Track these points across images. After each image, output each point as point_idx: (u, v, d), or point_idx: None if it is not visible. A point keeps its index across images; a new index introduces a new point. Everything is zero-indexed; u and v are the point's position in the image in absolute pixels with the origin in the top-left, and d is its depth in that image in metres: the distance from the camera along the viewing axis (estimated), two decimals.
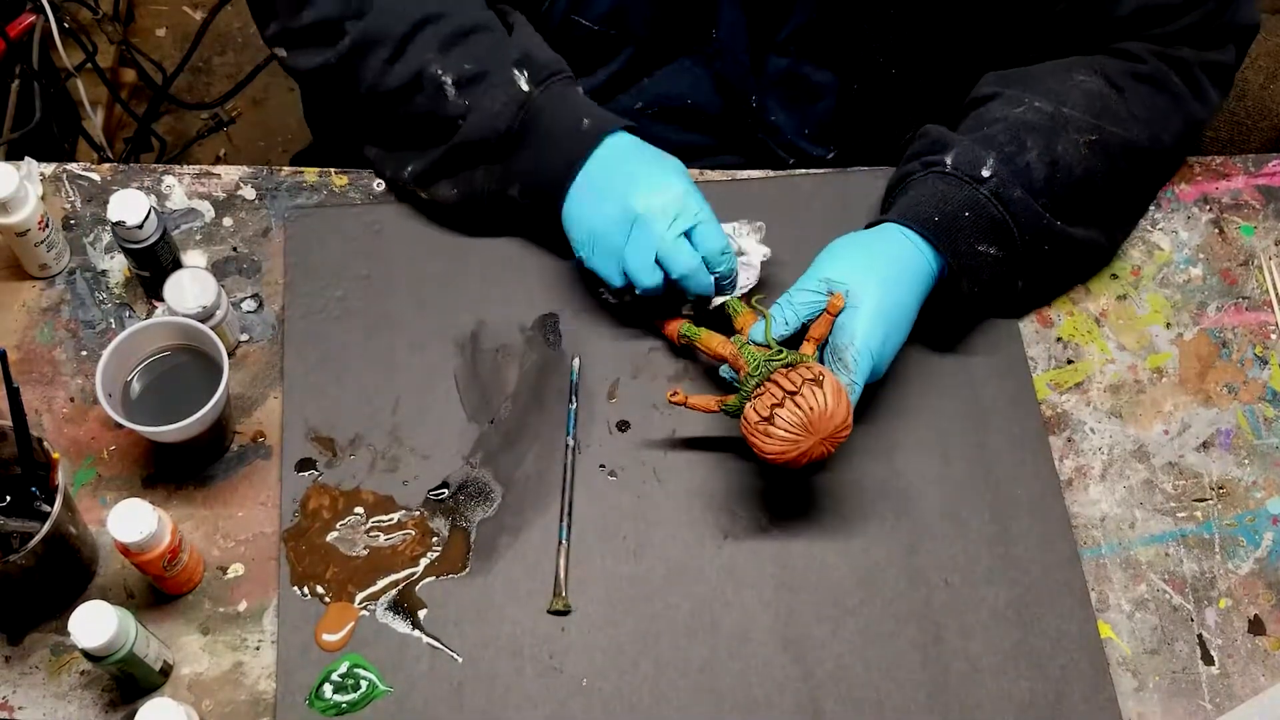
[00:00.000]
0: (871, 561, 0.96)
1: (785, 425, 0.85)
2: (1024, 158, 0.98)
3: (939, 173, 0.99)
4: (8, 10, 1.60)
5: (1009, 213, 0.97)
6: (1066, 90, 1.02)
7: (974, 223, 0.97)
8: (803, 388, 0.86)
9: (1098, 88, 1.03)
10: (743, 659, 0.92)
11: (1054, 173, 0.99)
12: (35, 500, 0.90)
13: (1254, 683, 0.94)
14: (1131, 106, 1.03)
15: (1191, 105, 1.06)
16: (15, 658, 0.91)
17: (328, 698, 0.90)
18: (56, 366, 1.01)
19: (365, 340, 1.02)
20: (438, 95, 0.99)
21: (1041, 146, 0.99)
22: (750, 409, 0.88)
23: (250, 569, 0.95)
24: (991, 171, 0.97)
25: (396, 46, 1.00)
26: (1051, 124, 1.00)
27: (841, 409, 0.86)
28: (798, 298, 0.95)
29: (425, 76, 0.99)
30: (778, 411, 0.86)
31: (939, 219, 0.97)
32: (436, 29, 1.00)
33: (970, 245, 0.97)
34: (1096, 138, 1.01)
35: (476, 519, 0.97)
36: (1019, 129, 1.00)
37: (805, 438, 0.86)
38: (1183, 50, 1.05)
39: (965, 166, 0.98)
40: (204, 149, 2.07)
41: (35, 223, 1.00)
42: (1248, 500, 1.00)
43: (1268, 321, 1.08)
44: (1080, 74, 1.03)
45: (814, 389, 0.86)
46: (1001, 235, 0.98)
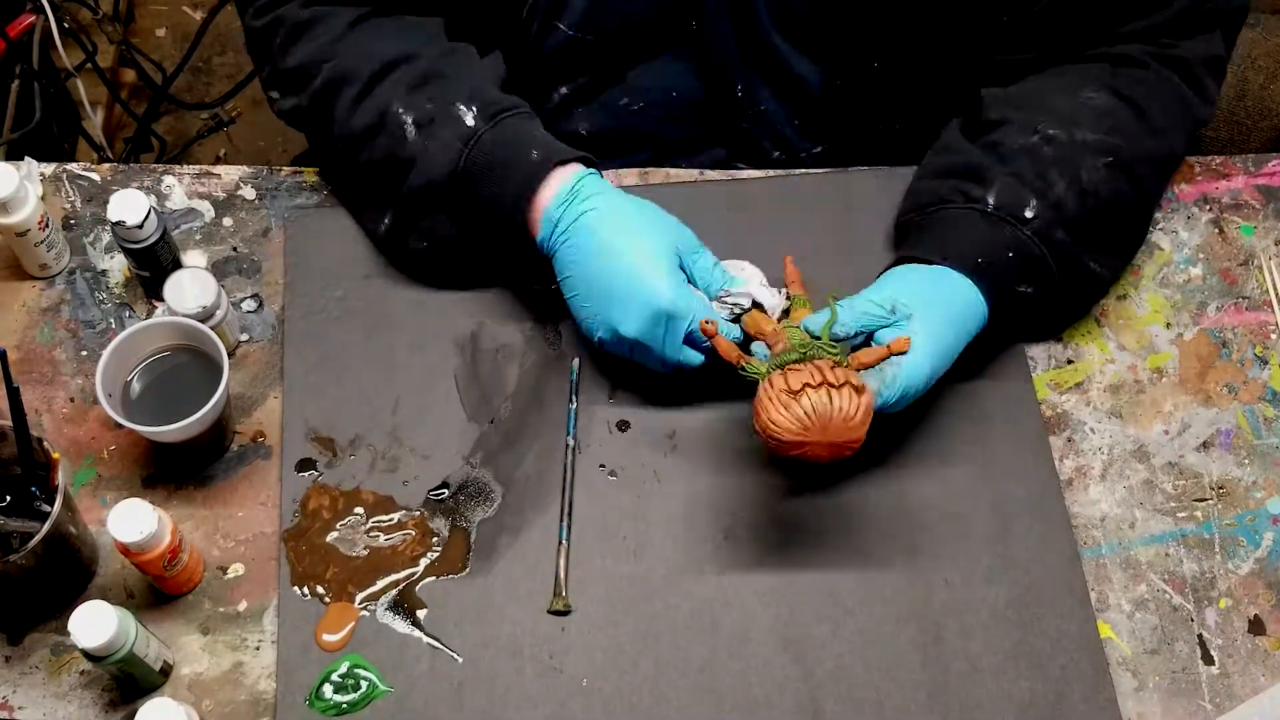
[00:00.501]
0: (871, 561, 0.96)
1: (808, 409, 0.82)
2: (1054, 193, 0.98)
3: (981, 211, 0.98)
4: (8, 10, 1.60)
5: (1051, 253, 0.97)
6: (1076, 110, 1.01)
7: (1016, 264, 0.96)
8: (843, 388, 0.83)
9: (1106, 104, 1.02)
10: (743, 659, 0.92)
11: (1084, 202, 0.98)
12: (35, 500, 0.90)
13: (1254, 683, 0.94)
14: (1142, 118, 1.02)
15: (1198, 108, 1.06)
16: (15, 658, 0.91)
17: (328, 698, 0.90)
18: (56, 366, 1.01)
19: (365, 340, 1.02)
20: (398, 137, 0.98)
21: (1069, 178, 0.98)
22: (782, 376, 0.84)
23: (250, 569, 0.95)
24: (1035, 213, 0.97)
25: (365, 85, 0.99)
26: (1070, 152, 0.99)
27: (861, 429, 0.84)
28: (860, 305, 0.92)
29: (389, 116, 0.98)
30: (809, 392, 0.82)
31: (982, 261, 0.96)
32: (407, 70, 0.99)
33: (1011, 286, 0.97)
34: (1113, 158, 1.00)
35: (476, 519, 0.97)
36: (1041, 164, 0.99)
37: (817, 431, 0.83)
38: (1179, 48, 1.04)
39: (1009, 206, 0.97)
40: (204, 149, 2.07)
41: (35, 223, 1.00)
42: (1248, 500, 1.01)
43: (1268, 321, 1.08)
44: (1088, 91, 1.02)
45: (852, 394, 0.83)
46: (1039, 274, 0.97)
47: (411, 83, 0.99)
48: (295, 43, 1.02)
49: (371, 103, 0.99)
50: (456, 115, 0.97)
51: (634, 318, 0.92)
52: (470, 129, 0.96)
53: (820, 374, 0.83)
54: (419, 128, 0.97)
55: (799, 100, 1.11)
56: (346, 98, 1.00)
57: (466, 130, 0.96)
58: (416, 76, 0.99)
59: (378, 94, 0.99)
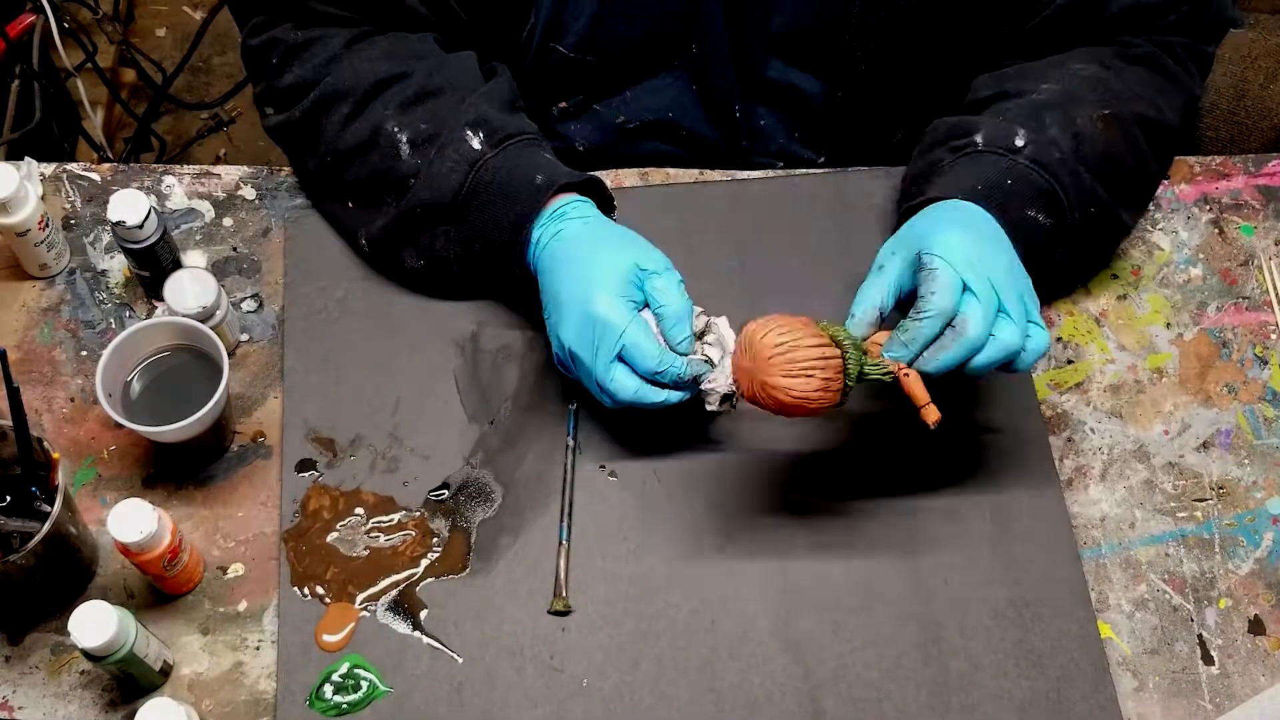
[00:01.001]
0: (872, 561, 0.96)
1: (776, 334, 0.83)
2: (1047, 133, 0.97)
3: (970, 154, 0.97)
4: (8, 10, 1.60)
5: (1052, 175, 0.95)
6: (1067, 78, 1.02)
7: (1019, 189, 0.95)
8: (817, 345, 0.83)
9: (1095, 73, 1.02)
10: (743, 659, 0.92)
11: (1079, 145, 0.97)
12: (35, 500, 0.90)
13: (1254, 683, 0.94)
14: (1128, 83, 1.02)
15: (1186, 81, 1.06)
16: (15, 658, 0.91)
17: (328, 698, 0.90)
18: (56, 366, 1.01)
19: (365, 340, 1.02)
20: (392, 154, 0.98)
21: (1060, 122, 0.98)
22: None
23: (250, 569, 0.95)
24: (1025, 140, 0.96)
25: (357, 104, 0.99)
26: (1064, 101, 0.99)
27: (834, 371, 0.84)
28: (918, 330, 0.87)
29: (382, 134, 0.98)
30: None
31: (981, 187, 0.94)
32: (401, 88, 0.99)
33: (1021, 211, 0.94)
34: (1109, 111, 0.99)
35: (477, 519, 0.97)
36: (1035, 108, 0.99)
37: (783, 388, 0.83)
38: (1166, 37, 1.05)
39: (997, 140, 0.97)
40: (204, 149, 2.07)
41: (35, 223, 1.00)
42: (1248, 500, 1.01)
43: (1268, 321, 1.08)
44: (1076, 64, 1.03)
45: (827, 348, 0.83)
46: (1050, 202, 0.95)
47: (405, 101, 0.99)
48: (290, 63, 1.02)
49: (364, 120, 0.99)
50: (462, 138, 0.97)
51: (570, 323, 0.91)
52: (477, 152, 0.96)
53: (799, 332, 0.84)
54: (414, 146, 0.98)
55: (799, 113, 1.12)
56: (338, 115, 1.00)
57: (474, 153, 0.96)
58: (410, 95, 0.99)
59: (370, 112, 0.99)
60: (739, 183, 1.11)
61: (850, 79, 1.07)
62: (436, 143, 0.97)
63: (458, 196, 0.96)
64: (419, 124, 0.98)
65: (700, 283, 0.98)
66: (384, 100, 0.99)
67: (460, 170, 0.96)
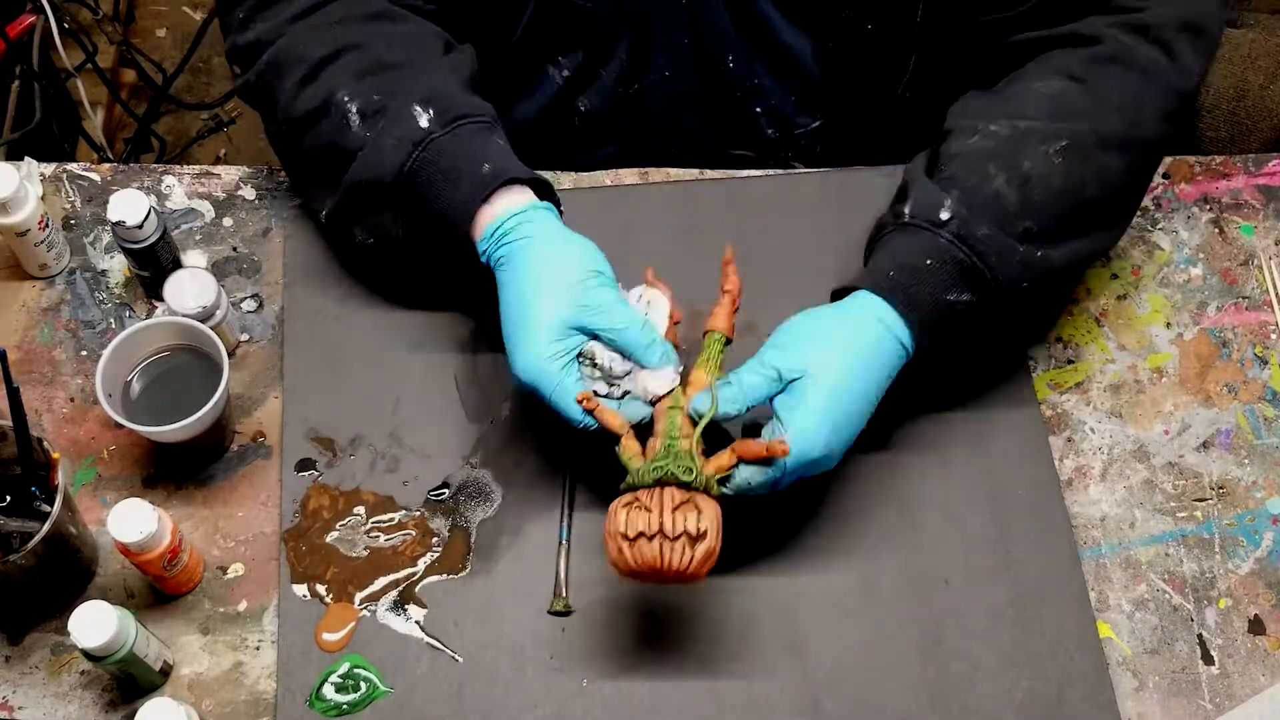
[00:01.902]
0: (872, 561, 0.96)
1: (639, 557, 0.81)
2: (989, 187, 0.91)
3: (900, 225, 0.92)
4: (8, 10, 1.60)
5: (975, 253, 0.90)
6: (1022, 103, 0.96)
7: (937, 271, 0.90)
8: (679, 540, 0.81)
9: (1056, 88, 0.97)
10: (743, 659, 0.92)
11: (1029, 193, 0.92)
12: (35, 500, 0.90)
13: (1254, 683, 0.94)
14: (1097, 95, 0.96)
15: (1168, 75, 0.97)
16: (15, 658, 0.91)
17: (328, 698, 0.90)
18: (56, 366, 1.01)
19: (365, 340, 1.02)
20: (342, 125, 0.95)
21: (1007, 170, 0.92)
22: (624, 513, 0.82)
23: (250, 569, 0.95)
24: (951, 213, 0.90)
25: (310, 70, 0.96)
26: (1011, 144, 0.93)
27: (698, 573, 0.82)
28: (747, 379, 0.87)
29: (333, 104, 0.95)
30: (643, 543, 0.81)
31: (893, 273, 0.90)
32: (357, 56, 0.96)
33: (934, 297, 0.89)
34: (1067, 142, 0.93)
35: (476, 519, 0.97)
36: (976, 158, 0.93)
37: (653, 577, 0.82)
38: (1144, 13, 0.98)
39: (923, 212, 0.91)
40: (204, 149, 2.07)
41: (35, 223, 1.00)
42: (1248, 500, 1.00)
43: (1268, 321, 1.08)
44: (1035, 82, 0.98)
45: (686, 548, 0.81)
46: (973, 279, 0.90)
47: (359, 70, 0.96)
48: (253, 19, 0.99)
49: (316, 87, 0.96)
50: (409, 115, 0.93)
51: (512, 366, 0.89)
52: (424, 130, 0.93)
53: (659, 518, 0.81)
54: (363, 118, 0.94)
55: (793, 72, 1.10)
56: (292, 79, 0.97)
57: (420, 132, 0.93)
58: (366, 64, 0.96)
59: (323, 79, 0.96)
60: (738, 181, 1.11)
61: (840, 29, 1.04)
62: (385, 116, 0.94)
63: (399, 175, 0.93)
64: (371, 94, 0.94)
65: (699, 282, 0.98)
66: (338, 67, 0.96)
67: (404, 148, 0.92)
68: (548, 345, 0.87)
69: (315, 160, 0.98)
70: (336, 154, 0.95)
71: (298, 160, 1.01)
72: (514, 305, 0.89)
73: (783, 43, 1.08)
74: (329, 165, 0.97)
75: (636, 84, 1.11)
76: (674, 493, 0.83)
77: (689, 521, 0.81)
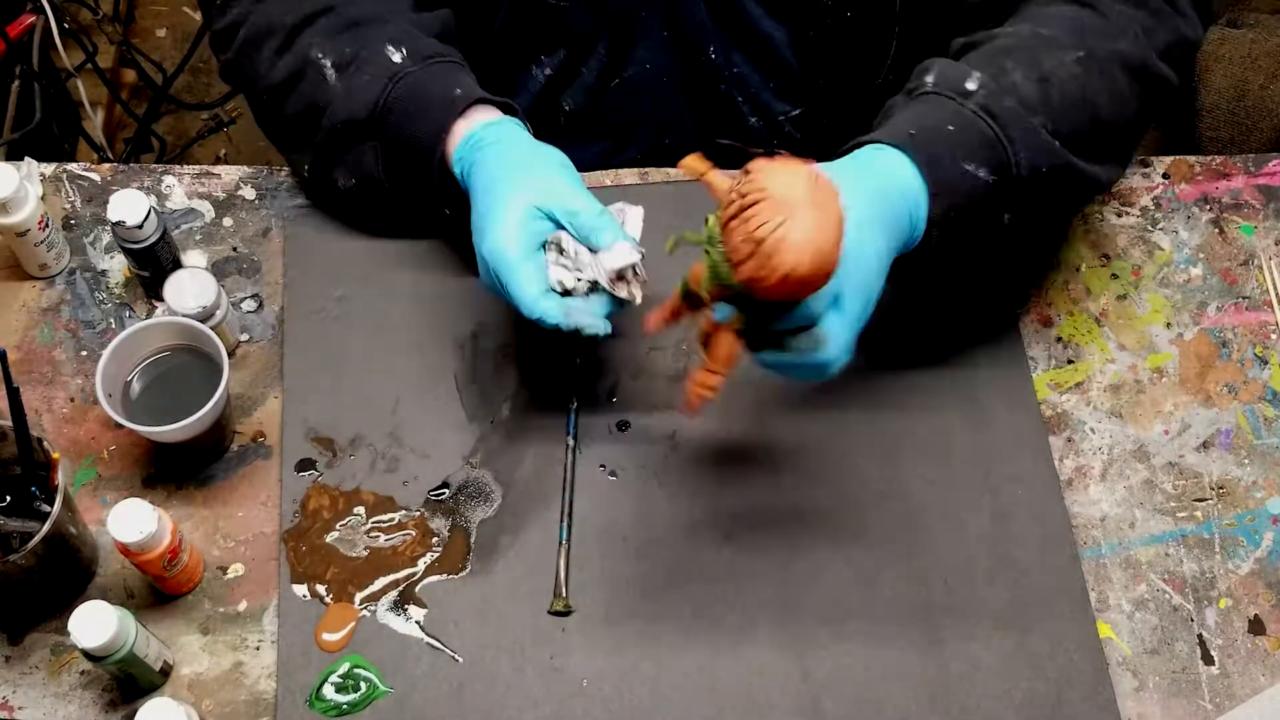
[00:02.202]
0: (872, 561, 0.96)
1: (762, 216, 0.69)
2: (1009, 78, 0.89)
3: (919, 95, 0.91)
4: (8, 10, 1.60)
5: (999, 125, 0.87)
6: (1037, 18, 0.95)
7: (959, 138, 0.87)
8: (749, 178, 0.71)
9: (1070, 12, 0.95)
10: (743, 659, 0.92)
11: (1047, 91, 0.89)
12: (35, 500, 0.90)
13: (1254, 683, 0.94)
14: (1110, 21, 0.95)
15: (1174, 20, 0.97)
16: (15, 658, 0.91)
17: (328, 698, 0.90)
18: (56, 366, 1.01)
19: (365, 340, 1.02)
20: (319, 81, 0.98)
21: (1026, 65, 0.90)
22: (717, 252, 0.74)
23: (250, 569, 0.95)
24: (978, 84, 0.89)
25: (285, 38, 0.99)
26: (1031, 43, 0.91)
27: (800, 172, 0.70)
28: None
29: (309, 64, 0.98)
30: (745, 215, 0.69)
31: (915, 132, 0.86)
32: (328, 20, 0.99)
33: (954, 163, 0.86)
34: (1084, 53, 0.91)
35: (477, 519, 0.97)
36: (996, 54, 0.91)
37: (788, 210, 0.69)
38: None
39: (948, 82, 0.90)
40: (204, 149, 2.07)
41: (35, 223, 1.00)
42: (1248, 500, 1.01)
43: (1268, 321, 1.08)
44: (1047, 7, 0.97)
45: (760, 170, 0.71)
46: (993, 156, 0.87)
47: (331, 30, 0.99)
48: (230, 4, 1.02)
49: (292, 54, 0.99)
50: (382, 52, 0.97)
51: (479, 265, 0.91)
52: (397, 65, 0.96)
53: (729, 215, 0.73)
54: (339, 70, 0.97)
55: (771, 61, 1.10)
56: (268, 50, 1.00)
57: (393, 67, 0.96)
58: (337, 25, 0.99)
59: (297, 45, 0.99)
60: None
61: (818, 17, 1.05)
62: (358, 60, 0.97)
63: (375, 109, 0.96)
64: (343, 49, 0.98)
65: None
66: (311, 32, 0.99)
67: (379, 82, 0.96)
68: (512, 227, 0.87)
69: (298, 123, 1.01)
70: (317, 111, 0.99)
71: (281, 127, 1.03)
72: (482, 198, 0.90)
73: (760, 31, 1.08)
74: (311, 123, 1.00)
75: (618, 79, 1.11)
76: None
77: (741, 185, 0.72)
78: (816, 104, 1.13)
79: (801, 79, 1.11)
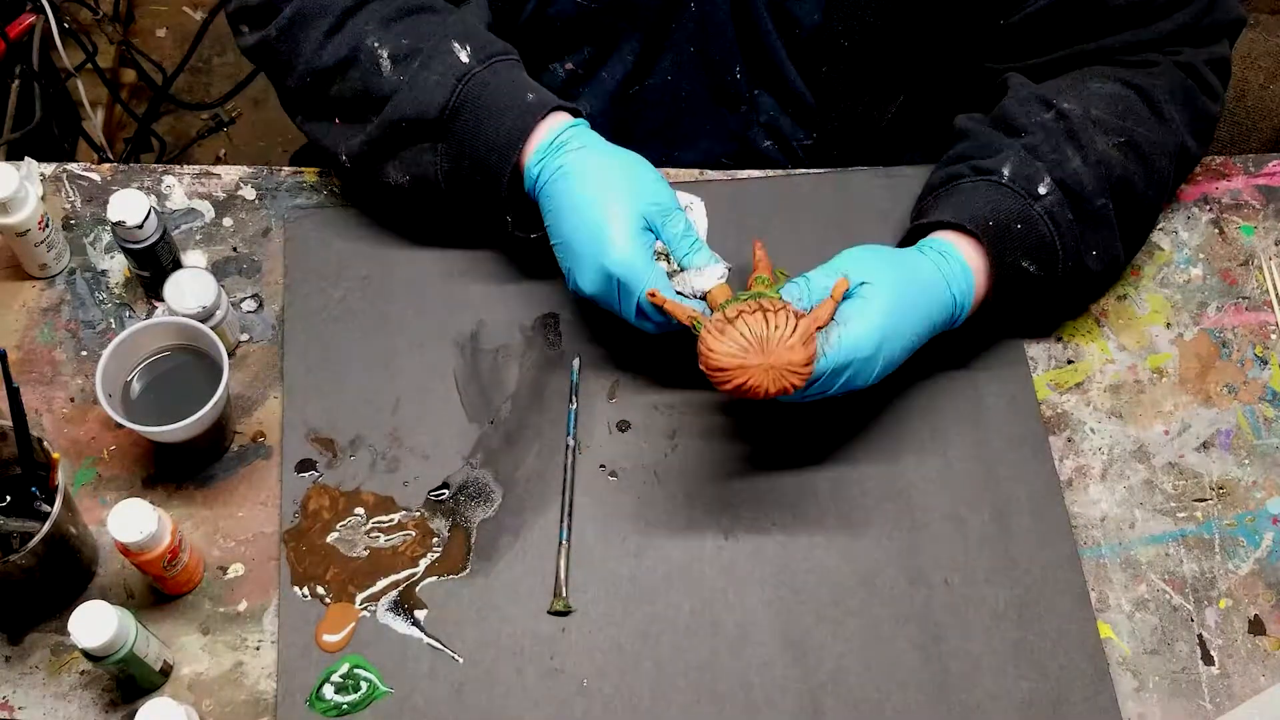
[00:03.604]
0: (872, 561, 0.96)
1: (744, 330, 0.84)
2: (1069, 168, 0.97)
3: (994, 182, 0.97)
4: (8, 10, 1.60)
5: (1059, 235, 0.96)
6: (1087, 93, 1.01)
7: (1023, 236, 0.95)
8: (780, 311, 0.84)
9: (1115, 90, 1.01)
10: (743, 659, 0.92)
11: (1098, 173, 0.97)
12: (35, 500, 0.90)
13: (1254, 683, 0.94)
14: (1152, 106, 1.01)
15: (1207, 104, 1.04)
16: (15, 658, 0.91)
17: (328, 699, 0.90)
18: (56, 366, 1.01)
19: (365, 340, 1.02)
20: (373, 70, 0.97)
21: (1082, 152, 0.97)
22: (720, 311, 0.87)
23: (250, 569, 0.95)
24: (1048, 190, 0.96)
25: (336, 20, 0.98)
26: (1083, 126, 0.98)
27: (802, 350, 0.84)
28: (816, 281, 0.91)
29: (362, 50, 0.97)
30: (745, 317, 0.84)
31: (993, 224, 0.94)
32: (381, 4, 0.99)
33: (1015, 258, 0.95)
34: (1125, 139, 0.99)
35: (477, 519, 0.97)
36: (1054, 136, 0.98)
37: (756, 353, 0.84)
38: (1183, 54, 1.04)
39: (1022, 180, 0.96)
40: (204, 149, 2.07)
41: (35, 223, 1.00)
42: (1248, 500, 1.01)
43: (1268, 321, 1.08)
44: (1095, 82, 1.02)
45: (789, 316, 0.84)
46: (1045, 255, 0.96)
47: (386, 17, 0.98)
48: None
49: (343, 37, 0.98)
50: (449, 50, 0.96)
51: (589, 276, 0.92)
52: (465, 66, 0.95)
53: (757, 303, 0.85)
54: (394, 61, 0.97)
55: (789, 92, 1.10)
56: (317, 31, 0.98)
57: (461, 67, 0.96)
58: (391, 11, 0.98)
59: (350, 28, 0.98)
60: (739, 182, 1.11)
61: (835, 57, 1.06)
62: (419, 56, 0.96)
63: (445, 110, 0.95)
64: (400, 40, 0.97)
65: None
66: (364, 16, 0.98)
67: (447, 83, 0.95)
68: (636, 238, 0.90)
69: (345, 107, 1.00)
70: (367, 100, 0.98)
71: (324, 109, 1.02)
72: (587, 206, 0.91)
73: (777, 60, 1.08)
74: (358, 110, 0.99)
75: (638, 86, 1.11)
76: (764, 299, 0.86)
77: (784, 305, 0.85)
78: (829, 135, 1.14)
79: (817, 112, 1.12)
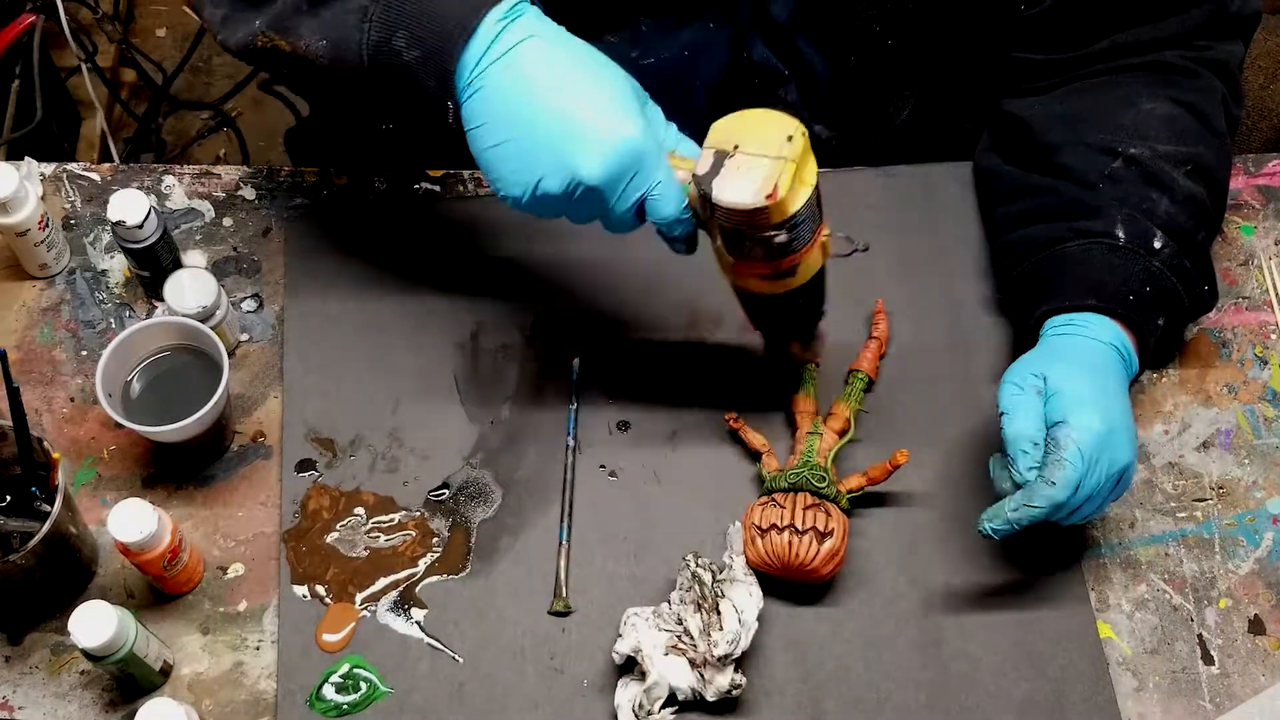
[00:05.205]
0: (872, 562, 0.96)
1: (769, 549, 0.90)
2: (1161, 208, 0.96)
3: (1110, 245, 0.95)
4: (8, 10, 1.60)
5: (1181, 282, 0.96)
6: (1142, 123, 1.00)
7: (1155, 297, 0.95)
8: (806, 534, 0.89)
9: (1168, 112, 1.00)
10: (743, 659, 0.92)
11: (1189, 209, 0.97)
12: (35, 500, 0.90)
13: (1254, 683, 0.94)
14: (1205, 123, 1.01)
15: (1234, 107, 1.04)
16: (15, 658, 0.91)
17: (328, 699, 0.90)
18: (56, 366, 1.01)
19: (365, 340, 1.02)
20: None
21: (1168, 194, 0.97)
22: (759, 509, 0.91)
23: (250, 569, 0.95)
24: (1163, 243, 0.95)
25: None
26: (1157, 167, 0.98)
27: (822, 570, 0.90)
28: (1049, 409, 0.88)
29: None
30: (774, 534, 0.90)
31: (1133, 297, 0.94)
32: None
33: (1149, 320, 0.95)
34: (1191, 165, 0.99)
35: (477, 519, 0.97)
36: (1138, 186, 0.97)
37: (779, 568, 0.90)
38: (1214, 50, 1.02)
39: (1136, 240, 0.95)
40: (204, 149, 2.07)
41: (35, 223, 1.00)
42: (1248, 500, 1.01)
43: (1268, 321, 1.08)
44: (1146, 102, 1.00)
45: (814, 541, 0.89)
46: (1171, 305, 0.96)
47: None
48: None
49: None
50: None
51: (598, 157, 0.77)
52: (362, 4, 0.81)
53: (791, 515, 0.90)
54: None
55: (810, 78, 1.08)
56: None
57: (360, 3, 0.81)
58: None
59: None
60: None
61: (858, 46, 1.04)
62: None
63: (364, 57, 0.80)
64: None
65: (700, 281, 0.98)
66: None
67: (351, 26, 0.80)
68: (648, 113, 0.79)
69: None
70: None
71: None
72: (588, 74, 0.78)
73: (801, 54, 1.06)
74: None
75: (652, 59, 1.05)
76: (806, 496, 0.92)
77: (818, 520, 0.90)
78: (846, 131, 1.12)
79: (835, 106, 1.10)
